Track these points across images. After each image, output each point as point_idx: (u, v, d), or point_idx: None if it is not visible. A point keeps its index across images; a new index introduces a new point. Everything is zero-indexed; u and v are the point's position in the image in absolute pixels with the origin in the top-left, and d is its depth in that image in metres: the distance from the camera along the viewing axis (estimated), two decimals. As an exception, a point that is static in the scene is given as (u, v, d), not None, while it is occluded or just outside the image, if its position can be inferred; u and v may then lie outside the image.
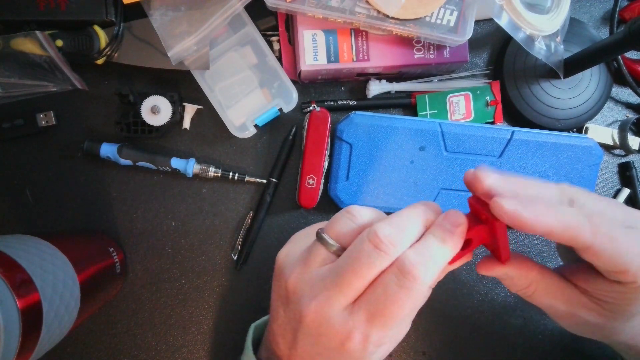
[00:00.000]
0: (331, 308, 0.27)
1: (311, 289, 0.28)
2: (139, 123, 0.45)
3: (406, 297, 0.26)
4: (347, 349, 0.27)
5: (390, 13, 0.41)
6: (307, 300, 0.28)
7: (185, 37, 0.42)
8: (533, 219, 0.25)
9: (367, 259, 0.27)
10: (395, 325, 0.27)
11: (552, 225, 0.25)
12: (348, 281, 0.27)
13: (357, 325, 0.27)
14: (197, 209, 0.48)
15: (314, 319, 0.28)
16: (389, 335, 0.27)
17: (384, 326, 0.26)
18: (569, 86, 0.47)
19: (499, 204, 0.25)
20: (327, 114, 0.45)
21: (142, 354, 0.47)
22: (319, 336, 0.28)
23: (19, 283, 0.29)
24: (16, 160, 0.47)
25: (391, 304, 0.26)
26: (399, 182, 0.45)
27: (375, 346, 0.27)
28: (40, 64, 0.41)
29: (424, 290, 0.26)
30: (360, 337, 0.27)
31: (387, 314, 0.26)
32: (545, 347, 0.49)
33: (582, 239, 0.26)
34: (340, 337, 0.27)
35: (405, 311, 0.26)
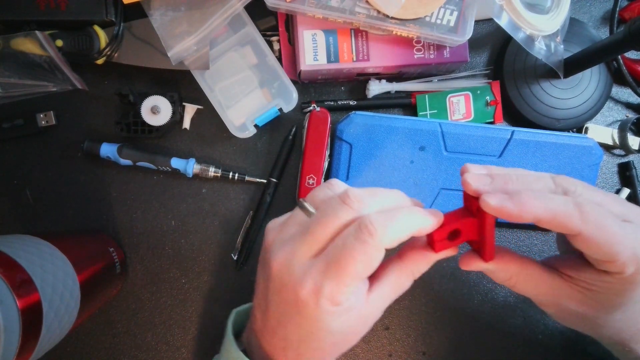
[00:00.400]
0: (294, 258, 0.29)
1: (281, 244, 0.30)
2: (139, 123, 0.45)
3: (360, 251, 0.26)
4: (301, 299, 0.28)
5: (390, 13, 0.41)
6: (275, 254, 0.30)
7: (185, 37, 0.42)
8: (518, 209, 0.26)
9: (332, 211, 0.28)
10: (349, 281, 0.27)
11: (538, 212, 0.26)
12: (313, 232, 0.29)
13: (313, 275, 0.27)
14: (197, 209, 0.48)
15: (278, 270, 0.29)
16: (343, 292, 0.27)
17: (336, 278, 0.27)
18: (569, 86, 0.47)
19: (485, 202, 0.27)
20: (327, 114, 0.45)
21: (142, 354, 0.47)
22: (282, 288, 0.29)
23: (19, 283, 0.29)
24: (16, 160, 0.47)
25: (345, 256, 0.27)
26: (399, 182, 0.45)
27: (328, 301, 0.27)
28: (40, 64, 0.41)
29: (378, 248, 0.27)
30: (312, 286, 0.27)
31: (340, 265, 0.27)
32: (545, 347, 0.49)
33: (570, 225, 0.26)
34: (296, 286, 0.28)
35: (357, 266, 0.27)
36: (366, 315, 0.30)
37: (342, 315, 0.28)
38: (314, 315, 0.28)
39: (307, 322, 0.28)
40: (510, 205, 0.26)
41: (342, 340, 0.30)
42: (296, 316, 0.29)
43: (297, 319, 0.29)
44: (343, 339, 0.30)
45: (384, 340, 0.48)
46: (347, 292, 0.28)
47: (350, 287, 0.27)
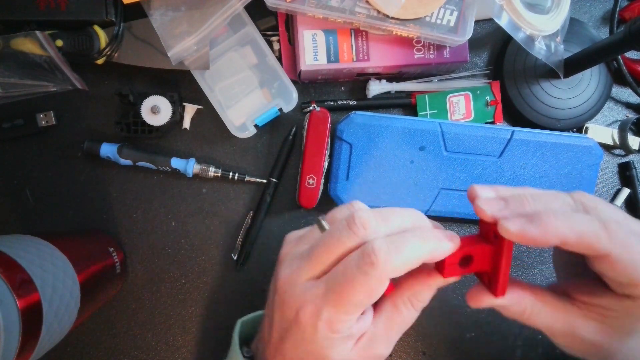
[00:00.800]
0: (298, 277, 0.28)
1: (291, 260, 0.30)
2: (139, 123, 0.45)
3: (361, 281, 0.26)
4: (299, 320, 0.27)
5: (390, 13, 0.41)
6: (283, 269, 0.30)
7: (185, 37, 0.42)
8: (542, 233, 0.24)
9: (337, 235, 0.28)
10: (349, 309, 0.27)
11: (565, 234, 0.24)
12: (317, 254, 0.28)
13: (313, 298, 0.27)
14: (197, 209, 0.48)
15: (282, 286, 0.29)
16: (342, 320, 0.27)
17: (336, 305, 0.26)
18: (569, 86, 0.47)
19: (504, 228, 0.25)
20: (327, 114, 0.45)
21: (142, 354, 0.47)
22: (283, 305, 0.29)
23: (19, 283, 0.29)
24: (16, 160, 0.47)
25: (346, 284, 0.26)
26: (399, 182, 0.45)
27: (327, 327, 0.27)
28: (40, 64, 0.41)
29: (380, 280, 0.26)
30: (311, 309, 0.27)
31: (340, 293, 0.26)
32: (545, 347, 0.49)
33: (598, 246, 0.25)
34: (296, 305, 0.28)
35: (358, 295, 0.26)
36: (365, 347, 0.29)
37: (340, 344, 0.28)
38: (313, 339, 0.28)
39: (305, 343, 0.28)
40: (532, 230, 0.24)
41: None
42: (295, 335, 0.28)
43: (296, 337, 0.28)
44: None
45: (384, 340, 0.48)
46: (347, 321, 0.27)
47: (350, 316, 0.27)
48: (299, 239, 0.31)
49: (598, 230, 0.25)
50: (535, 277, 0.49)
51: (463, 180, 0.46)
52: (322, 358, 0.28)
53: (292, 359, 0.29)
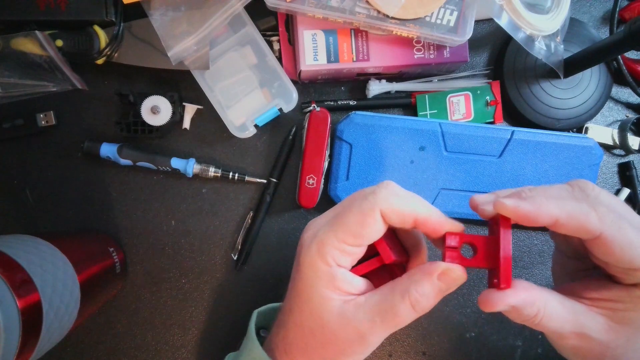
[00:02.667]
0: (319, 218, 0.31)
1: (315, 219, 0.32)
2: (139, 123, 0.45)
3: (357, 204, 0.28)
4: (301, 242, 0.30)
5: (390, 13, 0.41)
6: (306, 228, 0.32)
7: (185, 37, 0.42)
8: (535, 209, 0.25)
9: (360, 190, 0.31)
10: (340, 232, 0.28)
11: (555, 213, 0.25)
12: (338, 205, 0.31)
13: (319, 226, 0.30)
14: (197, 209, 0.48)
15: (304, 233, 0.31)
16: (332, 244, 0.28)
17: (331, 227, 0.29)
18: (569, 86, 0.47)
19: (500, 203, 0.26)
20: (327, 114, 0.45)
21: (142, 354, 0.47)
22: (300, 247, 0.31)
23: (19, 283, 0.29)
24: (16, 160, 0.47)
25: (345, 209, 0.29)
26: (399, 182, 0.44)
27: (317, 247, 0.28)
28: (40, 64, 0.41)
29: (374, 207, 0.28)
30: (312, 232, 0.30)
31: (338, 216, 0.29)
32: (545, 347, 0.49)
33: (589, 226, 0.25)
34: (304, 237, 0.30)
35: (350, 217, 0.28)
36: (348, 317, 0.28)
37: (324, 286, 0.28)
38: (303, 269, 0.29)
39: (297, 277, 0.30)
40: (526, 205, 0.25)
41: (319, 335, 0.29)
42: (294, 270, 0.30)
43: (293, 274, 0.30)
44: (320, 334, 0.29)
45: (384, 341, 0.48)
46: (335, 247, 0.28)
47: (341, 244, 0.28)
48: None
49: (588, 210, 0.26)
50: (535, 277, 0.49)
51: (463, 180, 0.46)
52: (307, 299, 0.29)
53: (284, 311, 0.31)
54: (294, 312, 0.30)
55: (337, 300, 0.29)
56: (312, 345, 0.30)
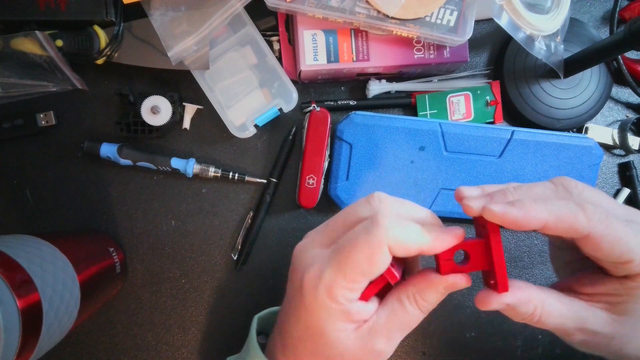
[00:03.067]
0: (311, 245, 0.30)
1: (307, 235, 0.32)
2: (139, 123, 0.45)
3: (363, 241, 0.26)
4: (303, 284, 0.28)
5: (390, 13, 0.41)
6: (299, 243, 0.31)
7: (185, 37, 0.42)
8: (523, 215, 0.26)
9: (353, 205, 0.30)
10: (349, 273, 0.27)
11: (544, 217, 0.26)
12: (332, 222, 0.30)
13: (319, 260, 0.28)
14: (197, 209, 0.48)
15: (295, 254, 0.30)
16: (341, 286, 0.27)
17: (338, 267, 0.27)
18: (569, 86, 0.47)
19: (488, 210, 0.26)
20: (327, 114, 0.45)
21: (142, 354, 0.47)
22: (294, 272, 0.30)
23: (19, 283, 0.29)
24: (16, 160, 0.47)
25: (349, 245, 0.27)
26: (399, 182, 0.45)
27: (326, 291, 0.27)
28: (40, 64, 0.41)
29: (381, 243, 0.26)
30: (314, 271, 0.28)
31: (343, 254, 0.27)
32: (545, 347, 0.49)
33: (577, 226, 0.25)
34: (303, 270, 0.28)
35: (358, 256, 0.26)
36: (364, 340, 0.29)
37: (336, 320, 0.28)
38: (310, 306, 0.28)
39: (304, 313, 0.29)
40: (513, 211, 0.26)
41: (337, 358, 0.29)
42: (298, 305, 0.29)
43: (298, 308, 0.29)
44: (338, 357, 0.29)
45: (384, 340, 0.48)
46: (345, 288, 0.27)
47: (350, 283, 0.27)
48: None
49: (576, 211, 0.26)
50: (535, 277, 0.49)
51: (463, 180, 0.46)
52: (320, 333, 0.28)
53: (292, 338, 0.30)
54: (305, 341, 0.29)
55: (352, 329, 0.29)
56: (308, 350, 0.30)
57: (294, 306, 0.29)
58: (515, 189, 0.28)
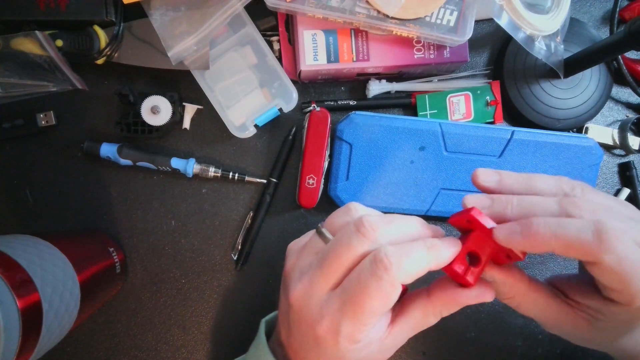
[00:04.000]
0: (313, 291, 0.28)
1: (300, 274, 0.29)
2: (139, 123, 0.45)
3: (375, 287, 0.26)
4: (318, 336, 0.27)
5: (390, 13, 0.41)
6: (294, 284, 0.29)
7: (185, 37, 0.42)
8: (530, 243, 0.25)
9: (347, 240, 0.27)
10: (366, 319, 0.26)
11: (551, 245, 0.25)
12: (329, 263, 0.28)
13: (330, 312, 0.27)
14: (197, 209, 0.48)
15: (297, 302, 0.29)
16: (361, 331, 0.27)
17: (354, 317, 0.26)
18: (569, 86, 0.47)
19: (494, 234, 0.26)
20: (327, 113, 0.45)
21: (142, 354, 0.47)
22: (301, 321, 0.29)
23: (19, 283, 0.29)
24: (16, 160, 0.47)
25: (361, 293, 0.26)
26: (399, 182, 0.45)
27: (347, 340, 0.27)
28: (40, 64, 0.41)
29: (394, 284, 0.26)
30: (329, 325, 0.27)
31: (356, 303, 0.26)
32: (545, 347, 0.49)
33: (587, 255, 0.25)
34: (313, 322, 0.27)
35: (374, 303, 0.26)
36: (388, 347, 0.29)
37: (362, 351, 0.28)
38: (334, 352, 0.28)
39: (327, 355, 0.28)
40: (518, 238, 0.25)
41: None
42: (316, 348, 0.28)
43: (317, 350, 0.29)
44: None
45: (384, 340, 0.48)
46: (365, 330, 0.27)
47: (369, 326, 0.27)
48: (302, 249, 0.31)
49: (588, 238, 0.24)
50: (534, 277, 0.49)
51: (463, 180, 0.46)
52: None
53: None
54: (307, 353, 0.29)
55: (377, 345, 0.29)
56: None
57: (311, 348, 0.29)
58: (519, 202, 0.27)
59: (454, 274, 0.28)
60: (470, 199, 0.28)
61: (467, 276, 0.28)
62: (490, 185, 0.29)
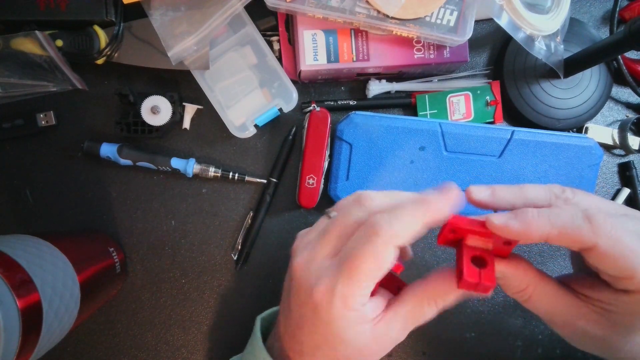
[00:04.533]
0: (312, 259, 0.30)
1: (303, 248, 0.31)
2: (139, 123, 0.45)
3: (368, 249, 0.27)
4: (314, 299, 0.28)
5: (390, 13, 0.41)
6: (297, 257, 0.31)
7: (185, 37, 0.42)
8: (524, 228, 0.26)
9: (346, 210, 0.30)
10: (361, 280, 0.27)
11: (546, 230, 0.25)
12: (328, 232, 0.30)
13: (327, 275, 0.28)
14: (197, 209, 0.48)
15: (298, 271, 0.30)
16: (355, 294, 0.27)
17: (348, 277, 0.27)
18: (569, 86, 0.47)
19: (488, 221, 0.26)
20: (327, 113, 0.45)
21: (142, 354, 0.47)
22: (300, 289, 0.29)
23: (19, 283, 0.29)
24: (16, 160, 0.47)
25: (355, 256, 0.27)
26: (399, 182, 0.45)
27: (341, 302, 0.27)
28: (40, 64, 0.41)
29: (386, 246, 0.27)
30: (325, 286, 0.28)
31: (351, 264, 0.27)
32: (545, 347, 0.49)
33: (582, 239, 0.25)
34: (311, 285, 0.28)
35: (367, 264, 0.27)
36: (381, 335, 0.29)
37: (355, 325, 0.28)
38: (327, 319, 0.28)
39: (321, 325, 0.28)
40: (515, 225, 0.26)
41: (368, 353, 0.30)
42: (312, 318, 0.29)
43: (312, 321, 0.29)
44: (369, 351, 0.30)
45: (384, 340, 0.48)
46: (360, 295, 0.28)
47: (363, 290, 0.27)
48: (307, 232, 0.33)
49: (580, 223, 0.25)
50: (535, 277, 0.49)
51: (463, 180, 0.46)
52: (338, 341, 0.29)
53: (309, 347, 0.30)
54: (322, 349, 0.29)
55: (370, 327, 0.29)
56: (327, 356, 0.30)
57: (307, 319, 0.29)
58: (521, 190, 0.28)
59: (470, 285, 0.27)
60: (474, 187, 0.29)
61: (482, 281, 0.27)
62: (483, 199, 0.29)
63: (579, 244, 0.25)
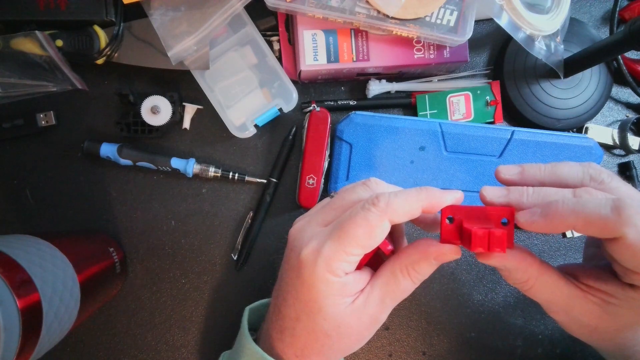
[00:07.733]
0: (308, 224, 0.31)
1: (302, 218, 0.33)
2: (139, 123, 0.45)
3: (361, 216, 0.28)
4: (302, 259, 0.29)
5: (390, 13, 0.41)
6: (294, 225, 0.32)
7: (185, 37, 0.42)
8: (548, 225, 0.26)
9: (351, 188, 0.32)
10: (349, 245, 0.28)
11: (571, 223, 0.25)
12: (329, 205, 0.32)
13: (318, 237, 0.29)
14: (197, 209, 0.48)
15: (293, 235, 0.32)
16: (340, 259, 0.28)
17: (338, 240, 0.28)
18: (569, 86, 0.47)
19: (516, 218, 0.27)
20: (327, 113, 0.45)
21: (142, 354, 0.47)
22: (291, 252, 0.31)
23: (19, 283, 0.29)
24: (16, 160, 0.47)
25: (348, 220, 0.28)
26: (399, 182, 0.45)
27: (325, 264, 0.28)
28: (40, 64, 0.41)
29: (380, 217, 0.27)
30: (314, 245, 0.29)
31: (342, 228, 0.28)
32: (545, 347, 0.49)
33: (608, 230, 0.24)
34: (302, 246, 0.29)
35: (358, 230, 0.27)
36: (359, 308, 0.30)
37: (334, 295, 0.29)
38: (310, 281, 0.29)
39: (303, 288, 0.29)
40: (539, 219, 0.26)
41: (335, 335, 0.30)
42: (295, 282, 0.30)
43: (295, 286, 0.30)
44: (337, 333, 0.30)
45: (384, 340, 0.48)
46: (344, 260, 0.28)
47: (349, 256, 0.28)
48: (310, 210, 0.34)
49: (607, 213, 0.24)
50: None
51: (463, 180, 0.46)
52: (318, 309, 0.29)
53: (290, 319, 0.30)
54: (302, 320, 0.30)
55: (349, 301, 0.29)
56: (328, 344, 0.30)
57: (291, 284, 0.30)
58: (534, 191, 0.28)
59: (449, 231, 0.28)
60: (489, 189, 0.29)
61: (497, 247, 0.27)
62: (512, 177, 0.29)
63: (605, 234, 0.25)
